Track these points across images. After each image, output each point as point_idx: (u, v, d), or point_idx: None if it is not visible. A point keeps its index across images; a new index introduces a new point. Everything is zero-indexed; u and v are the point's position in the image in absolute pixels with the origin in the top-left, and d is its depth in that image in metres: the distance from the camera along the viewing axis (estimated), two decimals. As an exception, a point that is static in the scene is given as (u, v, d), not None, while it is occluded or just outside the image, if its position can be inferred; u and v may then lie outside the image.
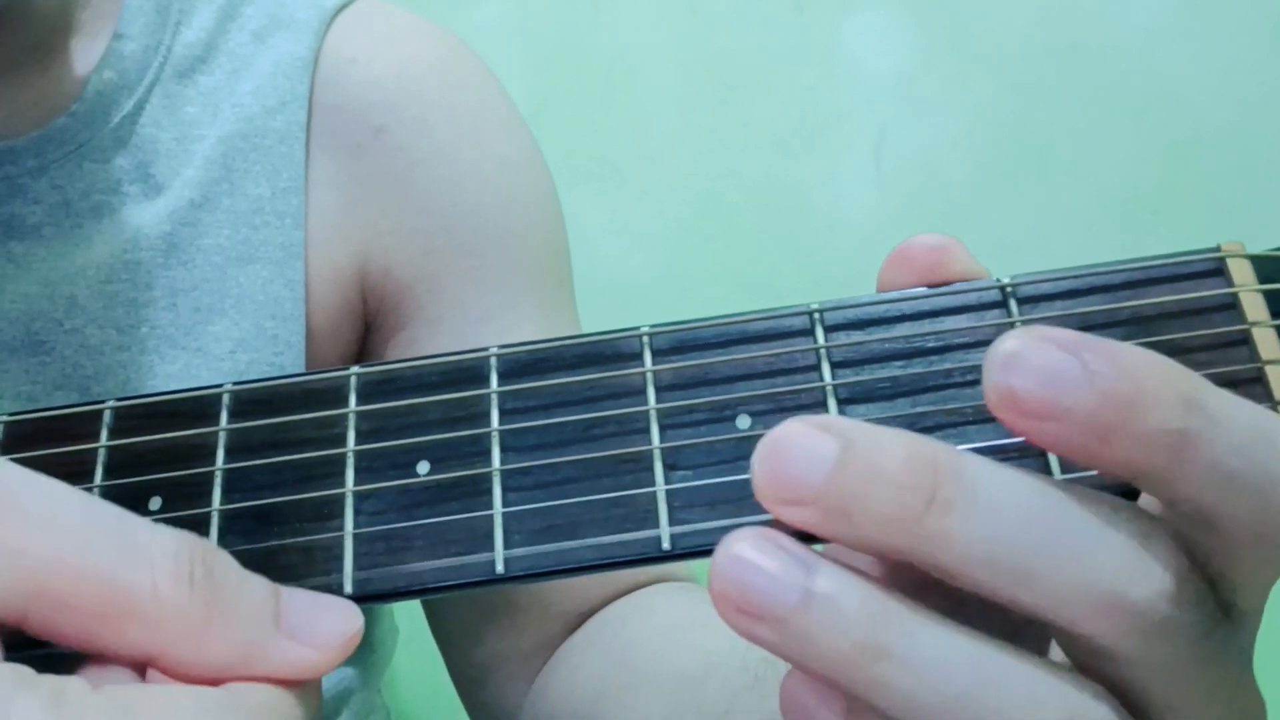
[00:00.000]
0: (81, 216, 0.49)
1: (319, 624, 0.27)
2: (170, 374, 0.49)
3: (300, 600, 0.27)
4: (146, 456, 0.30)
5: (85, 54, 0.51)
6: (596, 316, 0.49)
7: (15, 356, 0.48)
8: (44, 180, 0.49)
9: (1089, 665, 0.24)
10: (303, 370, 0.48)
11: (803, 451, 0.22)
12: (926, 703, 0.22)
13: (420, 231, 0.54)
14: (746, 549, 0.22)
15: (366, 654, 0.64)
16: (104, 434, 0.31)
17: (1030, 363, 0.21)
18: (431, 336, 0.54)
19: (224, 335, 0.50)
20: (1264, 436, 0.22)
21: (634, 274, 1.15)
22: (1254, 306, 0.27)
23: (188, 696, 0.24)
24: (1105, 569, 0.22)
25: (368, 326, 0.56)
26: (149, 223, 0.50)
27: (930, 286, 0.29)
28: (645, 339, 0.29)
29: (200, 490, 0.30)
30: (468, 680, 0.57)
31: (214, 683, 0.26)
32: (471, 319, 0.54)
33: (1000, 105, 1.13)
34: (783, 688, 0.24)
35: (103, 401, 0.31)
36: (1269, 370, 0.26)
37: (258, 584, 0.27)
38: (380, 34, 0.56)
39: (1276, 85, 1.07)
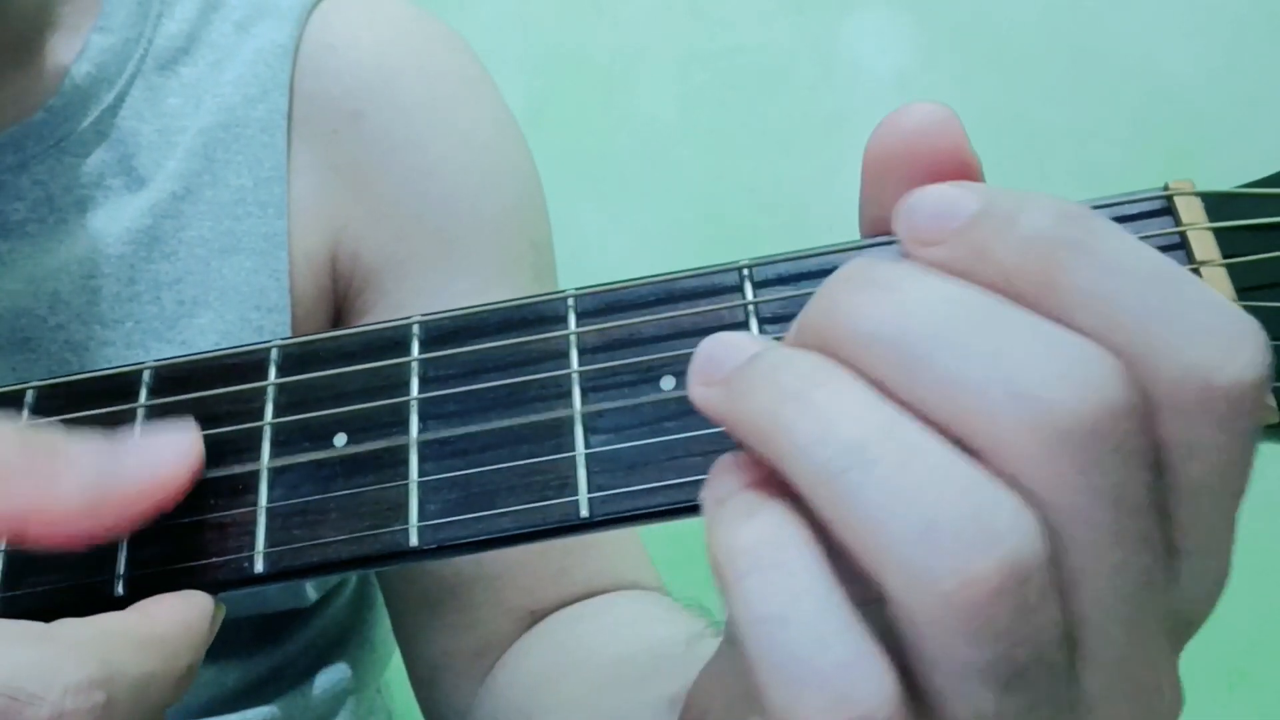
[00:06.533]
0: (65, 211, 0.49)
1: (156, 442, 0.28)
2: None
3: (134, 436, 0.29)
4: None
5: (65, 49, 0.51)
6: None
7: (2, 355, 0.48)
8: (25, 176, 0.49)
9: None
10: None
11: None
12: (820, 456, 0.21)
13: (391, 216, 0.53)
14: (722, 334, 0.24)
15: (365, 653, 0.63)
16: (25, 414, 0.31)
17: (925, 198, 0.24)
18: None
19: (209, 328, 0.50)
20: (1155, 276, 0.21)
21: (634, 274, 1.14)
22: (1203, 245, 0.26)
23: None
24: (1016, 362, 0.20)
25: (338, 312, 0.55)
26: (131, 216, 0.50)
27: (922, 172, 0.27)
28: (570, 301, 0.29)
29: None
30: (419, 680, 0.56)
31: (90, 535, 0.27)
32: (439, 303, 0.52)
33: (1000, 105, 1.12)
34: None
35: (25, 383, 0.31)
36: None
37: (86, 435, 0.28)
38: (361, 20, 0.55)
39: (1277, 85, 1.07)
